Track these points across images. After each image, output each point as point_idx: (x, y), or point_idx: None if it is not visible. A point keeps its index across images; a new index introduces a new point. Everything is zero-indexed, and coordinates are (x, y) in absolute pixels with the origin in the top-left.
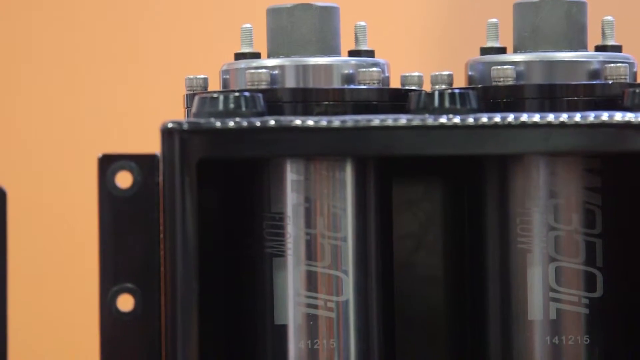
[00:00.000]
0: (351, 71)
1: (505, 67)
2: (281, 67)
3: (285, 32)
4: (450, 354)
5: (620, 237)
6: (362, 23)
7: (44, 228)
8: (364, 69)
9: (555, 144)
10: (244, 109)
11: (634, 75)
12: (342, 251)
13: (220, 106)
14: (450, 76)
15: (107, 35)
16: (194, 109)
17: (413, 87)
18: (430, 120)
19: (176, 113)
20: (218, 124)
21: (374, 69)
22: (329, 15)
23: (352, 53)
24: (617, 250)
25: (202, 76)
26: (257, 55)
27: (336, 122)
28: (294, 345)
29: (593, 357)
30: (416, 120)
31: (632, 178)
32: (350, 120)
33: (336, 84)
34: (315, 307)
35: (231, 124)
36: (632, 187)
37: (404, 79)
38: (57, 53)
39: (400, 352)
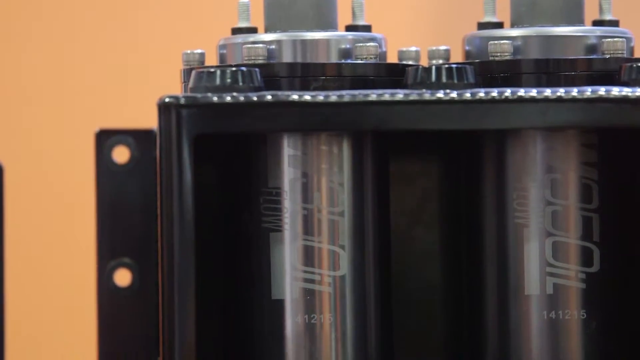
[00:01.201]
0: (348, 46)
1: (502, 42)
2: (278, 42)
3: (283, 6)
4: (447, 329)
5: (616, 212)
6: None
7: (41, 202)
8: (361, 44)
9: (552, 118)
10: (241, 83)
11: (631, 50)
12: (339, 226)
13: (218, 81)
14: (447, 51)
15: (103, 10)
16: (191, 84)
17: (410, 62)
18: (427, 95)
19: (173, 88)
20: (215, 98)
21: (371, 43)
22: None
23: (349, 28)
24: (613, 225)
25: (199, 51)
26: (254, 30)
27: (333, 97)
28: (291, 319)
29: (590, 332)
30: (413, 95)
31: (628, 153)
32: (347, 95)
33: (333, 58)
34: (312, 281)
35: (228, 98)
36: (629, 161)
37: (401, 54)
38: (53, 31)
39: (397, 326)
